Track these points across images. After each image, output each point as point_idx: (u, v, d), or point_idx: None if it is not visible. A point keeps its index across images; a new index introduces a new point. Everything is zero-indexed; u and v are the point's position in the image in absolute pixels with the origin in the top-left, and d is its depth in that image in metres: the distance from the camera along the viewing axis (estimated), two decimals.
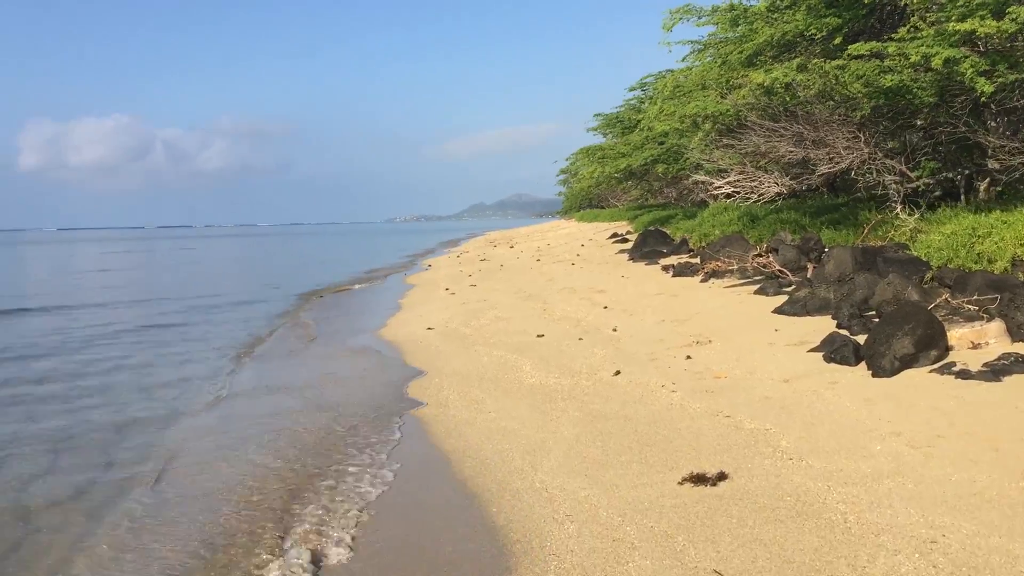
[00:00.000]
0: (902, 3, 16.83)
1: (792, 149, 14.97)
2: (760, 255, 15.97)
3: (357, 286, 25.55)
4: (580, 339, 11.11)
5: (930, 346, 7.50)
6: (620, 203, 66.37)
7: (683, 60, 24.13)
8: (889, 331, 7.53)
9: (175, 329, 15.72)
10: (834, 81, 13.54)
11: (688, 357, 9.15)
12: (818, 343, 8.83)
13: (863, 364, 7.81)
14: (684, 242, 23.74)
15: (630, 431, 6.69)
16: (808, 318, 10.56)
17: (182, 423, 8.32)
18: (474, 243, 55.01)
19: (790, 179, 16.43)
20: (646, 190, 46.70)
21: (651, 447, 6.23)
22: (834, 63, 13.80)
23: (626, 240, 32.02)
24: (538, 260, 28.43)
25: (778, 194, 16.92)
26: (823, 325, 9.95)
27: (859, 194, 22.22)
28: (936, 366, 7.39)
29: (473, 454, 6.61)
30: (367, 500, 5.82)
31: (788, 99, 15.21)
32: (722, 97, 18.83)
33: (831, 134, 14.25)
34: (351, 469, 6.49)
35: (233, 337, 14.52)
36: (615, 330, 11.51)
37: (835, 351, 8.06)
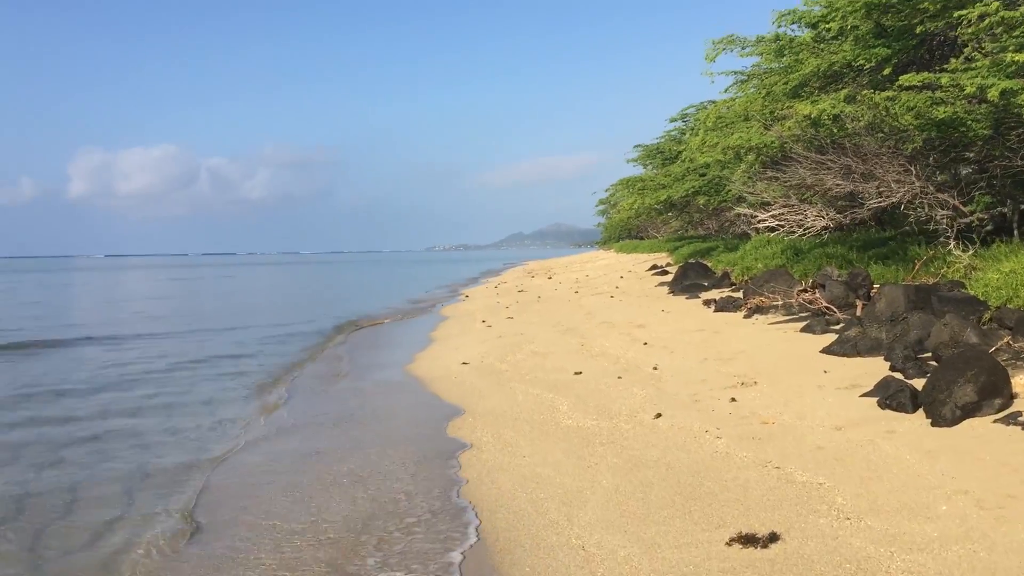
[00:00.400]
0: (953, 34, 16.40)
1: (840, 182, 14.54)
2: (805, 291, 15.51)
3: (393, 318, 25.39)
4: (619, 377, 10.74)
5: (994, 394, 7.04)
6: (659, 234, 65.92)
7: (725, 91, 23.86)
8: (950, 377, 7.08)
9: (208, 364, 15.40)
10: (884, 113, 13.13)
11: (733, 399, 8.74)
12: (871, 387, 8.38)
13: (921, 411, 7.36)
14: (726, 275, 23.26)
15: (673, 481, 6.31)
16: (859, 359, 10.09)
17: (211, 468, 8.00)
18: (512, 273, 54.81)
19: (836, 212, 15.96)
20: (686, 221, 46.23)
21: (696, 500, 5.85)
22: (884, 94, 13.40)
23: (666, 272, 31.58)
24: (576, 292, 28.08)
25: (824, 228, 16.45)
26: (875, 367, 9.49)
27: (906, 228, 21.64)
28: (1000, 415, 6.92)
29: (506, 503, 6.27)
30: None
31: (835, 131, 14.81)
32: (766, 128, 18.47)
33: (880, 167, 13.80)
34: (395, 533, 6.15)
35: (268, 371, 14.32)
36: (655, 368, 11.13)
37: (890, 397, 7.61)
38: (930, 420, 7.06)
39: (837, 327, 12.68)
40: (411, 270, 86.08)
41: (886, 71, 15.40)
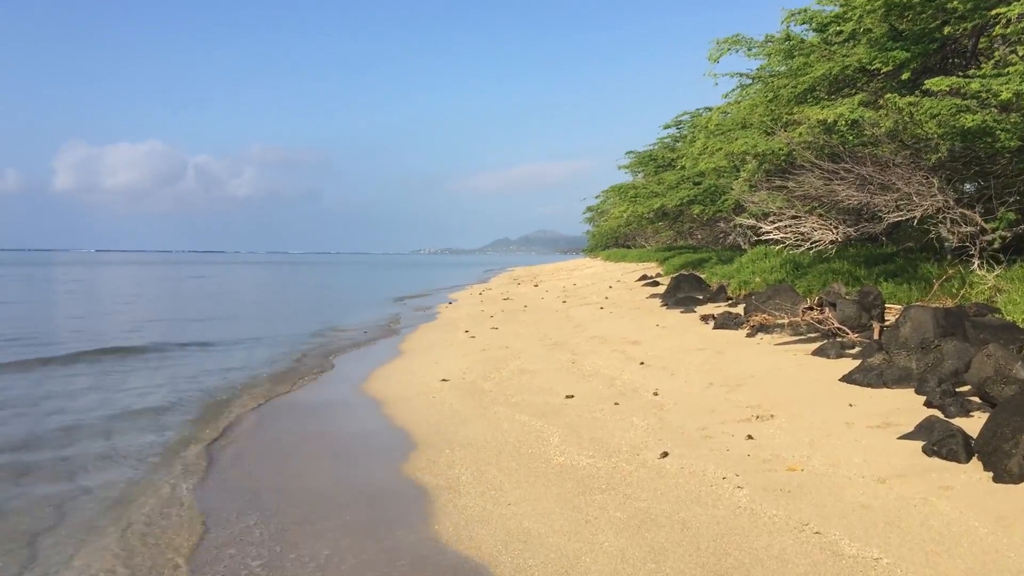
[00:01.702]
0: (972, 41, 15.41)
1: (854, 193, 13.47)
2: (812, 308, 14.43)
3: (375, 325, 24.21)
4: (616, 404, 9.61)
5: None
6: (648, 243, 65.05)
7: (725, 96, 22.80)
8: (1016, 423, 5.98)
9: (158, 388, 13.62)
10: (908, 119, 12.09)
11: (749, 437, 7.61)
12: (907, 426, 7.31)
13: (975, 461, 6.27)
14: (722, 289, 22.22)
15: (691, 548, 5.18)
16: (886, 391, 9.00)
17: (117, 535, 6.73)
18: (497, 279, 53.73)
19: (847, 226, 14.91)
20: (677, 231, 45.25)
21: None
22: (907, 99, 12.38)
23: (656, 283, 30.57)
24: (564, 302, 26.97)
25: (832, 242, 15.40)
26: (906, 401, 8.42)
27: (910, 244, 20.66)
28: None
29: (488, 572, 5.12)
30: None
31: (851, 138, 13.77)
32: (768, 135, 17.45)
33: (902, 179, 12.75)
34: None
35: (230, 386, 13.10)
36: (656, 394, 10.00)
37: (938, 443, 6.51)
38: (991, 474, 5.97)
39: (852, 351, 11.62)
40: (398, 273, 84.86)
41: (904, 76, 14.40)
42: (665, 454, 7.29)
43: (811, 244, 15.28)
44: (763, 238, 16.78)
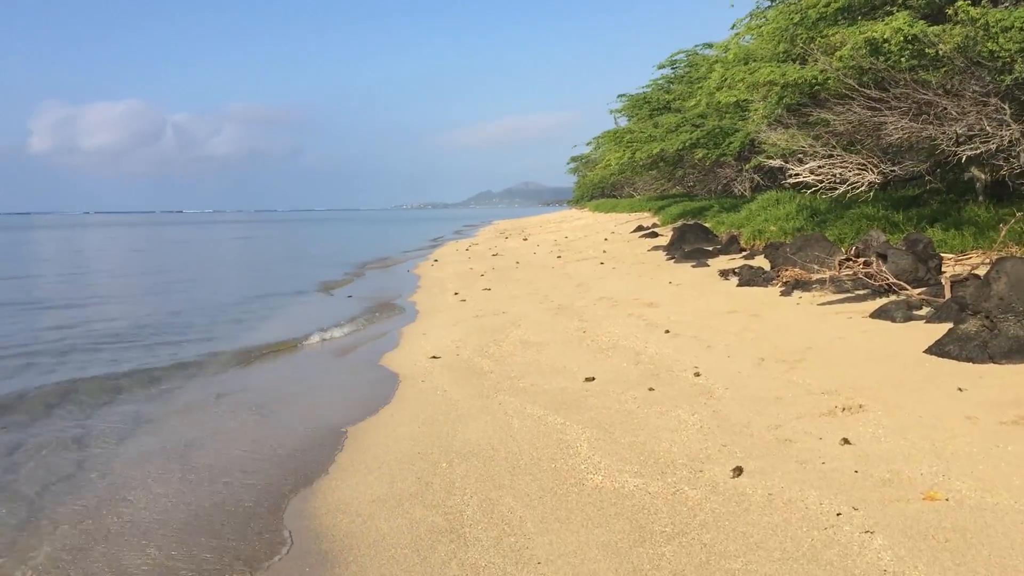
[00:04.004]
0: None
1: (908, 124, 11.50)
2: (850, 260, 12.56)
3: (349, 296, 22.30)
4: (651, 389, 7.71)
5: None
6: (637, 193, 63.11)
7: (733, 27, 20.57)
8: None
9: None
10: (982, 32, 10.09)
11: (845, 441, 5.71)
12: None
13: None
14: (733, 240, 20.35)
15: None
16: (994, 367, 7.15)
17: None
18: (484, 234, 51.73)
19: (890, 165, 12.97)
20: (669, 178, 43.27)
21: None
22: (977, 10, 10.37)
23: (655, 235, 28.72)
24: (559, 257, 25.06)
25: (871, 183, 13.47)
26: None
27: (936, 184, 18.79)
28: None
29: None
30: None
31: (902, 61, 11.77)
32: (788, 62, 15.41)
33: (971, 105, 10.79)
34: None
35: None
36: (698, 374, 8.10)
37: None
38: None
39: (921, 312, 9.77)
40: (383, 229, 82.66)
41: None
42: (739, 470, 5.39)
43: (849, 186, 13.34)
44: (790, 181, 14.81)
